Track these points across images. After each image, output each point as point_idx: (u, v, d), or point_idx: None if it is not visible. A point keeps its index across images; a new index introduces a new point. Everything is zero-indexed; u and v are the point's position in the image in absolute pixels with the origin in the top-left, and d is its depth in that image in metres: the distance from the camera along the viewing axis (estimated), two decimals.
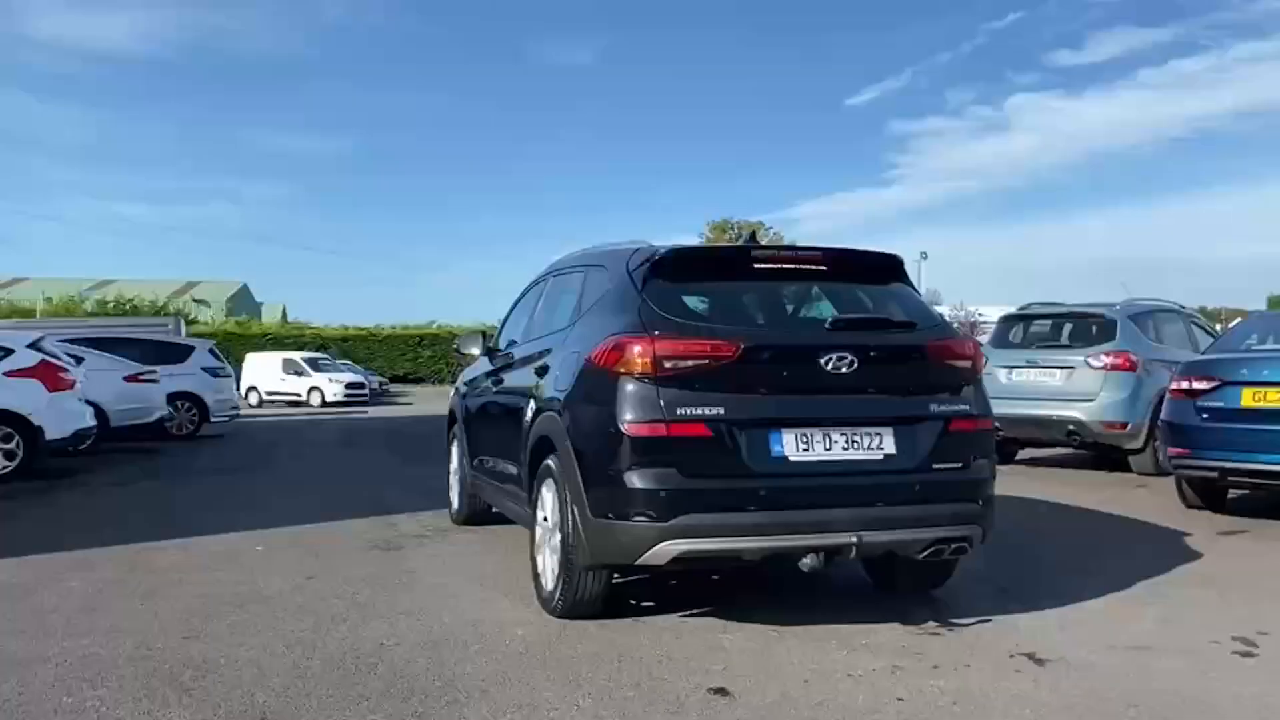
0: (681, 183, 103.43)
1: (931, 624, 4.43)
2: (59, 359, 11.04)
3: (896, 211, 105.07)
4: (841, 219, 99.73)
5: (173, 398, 15.76)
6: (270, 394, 32.41)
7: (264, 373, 32.75)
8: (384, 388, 37.78)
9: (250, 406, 30.02)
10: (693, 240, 43.50)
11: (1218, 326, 13.76)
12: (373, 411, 27.42)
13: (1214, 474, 7.25)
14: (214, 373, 17.26)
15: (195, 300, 58.34)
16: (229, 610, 4.69)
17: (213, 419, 16.95)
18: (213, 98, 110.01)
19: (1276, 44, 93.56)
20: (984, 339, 11.99)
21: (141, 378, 13.95)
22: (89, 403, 11.61)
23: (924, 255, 59.03)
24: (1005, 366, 10.54)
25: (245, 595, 4.99)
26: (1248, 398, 6.96)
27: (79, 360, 11.85)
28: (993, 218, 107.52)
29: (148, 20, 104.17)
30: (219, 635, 4.26)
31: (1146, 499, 8.41)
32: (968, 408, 4.41)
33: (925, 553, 4.27)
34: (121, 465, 11.75)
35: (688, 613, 4.61)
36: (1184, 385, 7.44)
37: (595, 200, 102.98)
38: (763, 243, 5.55)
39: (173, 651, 4.01)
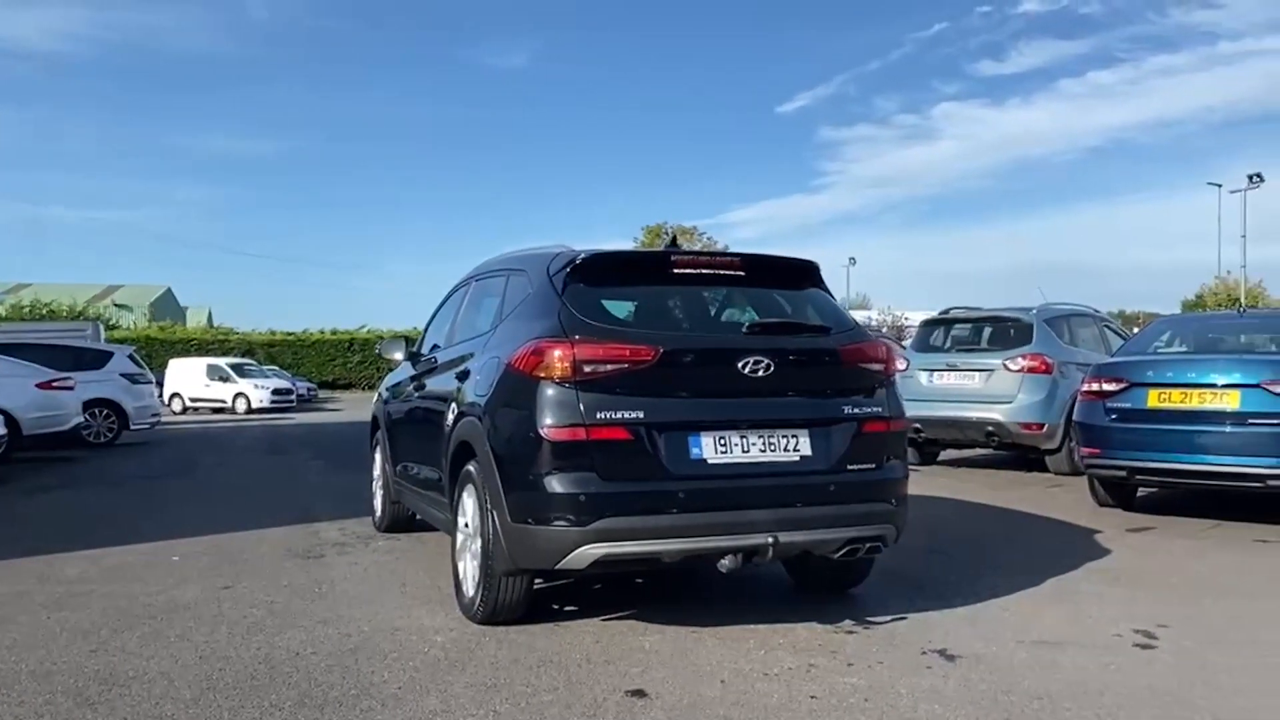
0: (618, 187, 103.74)
1: (848, 622, 4.52)
2: None
3: (827, 217, 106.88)
4: (774, 224, 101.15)
5: (90, 405, 15.38)
6: (194, 400, 31.63)
7: (188, 379, 31.93)
8: (312, 393, 37.11)
9: (173, 413, 29.32)
10: (628, 244, 43.58)
11: (1134, 330, 14.19)
12: (300, 418, 26.93)
13: (1123, 473, 7.49)
14: (134, 379, 16.83)
15: (116, 304, 56.69)
16: (140, 622, 4.58)
17: (133, 426, 16.54)
18: (138, 98, 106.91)
19: (1187, 58, 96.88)
20: (909, 343, 12.22)
21: (56, 384, 13.48)
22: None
23: (852, 261, 60.24)
24: (926, 370, 10.76)
25: (158, 606, 4.88)
26: (1153, 399, 7.21)
27: None
28: (920, 223, 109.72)
29: (69, 19, 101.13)
30: (128, 647, 4.16)
31: (1061, 498, 8.66)
32: (881, 409, 4.51)
33: (840, 552, 4.35)
34: (34, 475, 11.38)
35: (610, 616, 4.63)
36: (1094, 387, 7.68)
37: (530, 203, 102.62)
38: (684, 247, 5.59)
39: (78, 665, 3.91)
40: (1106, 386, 7.54)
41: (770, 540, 4.10)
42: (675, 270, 4.65)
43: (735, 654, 4.04)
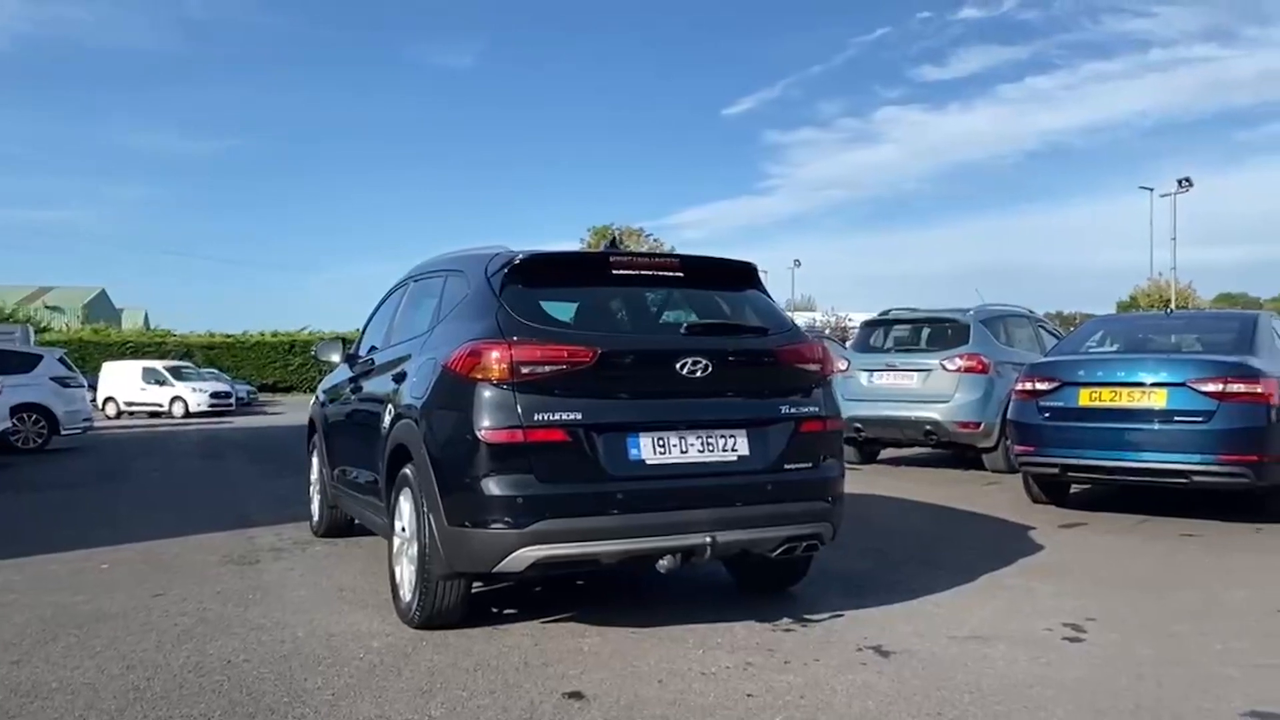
0: (565, 188, 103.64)
1: (786, 620, 4.55)
2: None
3: (773, 219, 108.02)
4: (720, 226, 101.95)
5: (18, 410, 15.04)
6: (129, 404, 30.87)
7: (123, 382, 31.14)
8: (252, 397, 36.46)
9: (108, 418, 28.61)
10: (575, 245, 43.51)
11: (1071, 330, 14.49)
12: (239, 421, 26.45)
13: (1055, 470, 7.65)
14: (64, 382, 16.41)
15: (48, 306, 55.23)
16: (66, 631, 4.46)
17: (64, 431, 16.13)
18: (73, 95, 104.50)
19: (1121, 64, 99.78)
20: (850, 343, 12.35)
21: None
22: None
23: (797, 263, 60.99)
24: (866, 370, 10.88)
25: (85, 615, 4.76)
26: (1084, 397, 7.37)
27: None
28: (863, 226, 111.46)
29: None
30: (53, 658, 4.05)
31: (997, 495, 8.82)
32: (817, 409, 4.55)
33: (778, 550, 4.39)
34: None
35: (550, 618, 4.61)
36: (1027, 386, 7.83)
37: (475, 204, 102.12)
38: (625, 248, 5.59)
39: None
40: (1040, 385, 7.69)
41: (708, 540, 4.12)
42: (614, 271, 4.65)
43: (674, 654, 4.05)
